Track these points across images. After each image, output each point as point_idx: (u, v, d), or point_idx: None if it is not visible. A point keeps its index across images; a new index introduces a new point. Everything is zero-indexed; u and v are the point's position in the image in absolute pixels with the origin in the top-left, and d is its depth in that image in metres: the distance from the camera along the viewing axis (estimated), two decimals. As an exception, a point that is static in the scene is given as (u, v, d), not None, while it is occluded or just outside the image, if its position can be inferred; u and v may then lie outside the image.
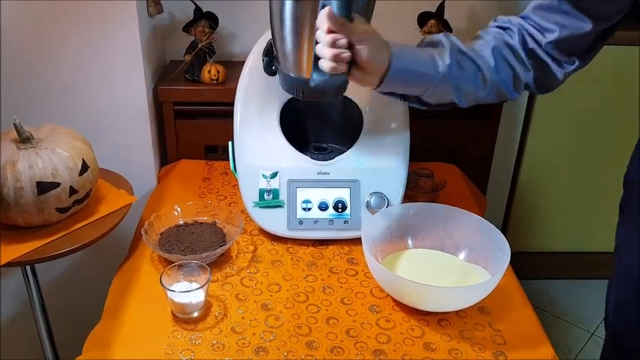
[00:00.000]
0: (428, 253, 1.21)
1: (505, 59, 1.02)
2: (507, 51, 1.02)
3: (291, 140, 1.29)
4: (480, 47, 1.02)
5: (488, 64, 1.01)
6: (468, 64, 1.00)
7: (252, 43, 1.30)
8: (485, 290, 1.06)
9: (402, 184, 1.29)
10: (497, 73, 1.02)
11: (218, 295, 1.12)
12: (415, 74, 0.98)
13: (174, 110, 1.56)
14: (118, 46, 1.39)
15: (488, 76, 1.01)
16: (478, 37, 1.04)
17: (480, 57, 1.01)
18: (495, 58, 1.01)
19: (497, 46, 1.02)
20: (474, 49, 1.02)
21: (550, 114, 1.86)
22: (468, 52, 1.01)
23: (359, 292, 1.14)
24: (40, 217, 1.15)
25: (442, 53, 0.99)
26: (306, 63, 1.07)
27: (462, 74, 1.00)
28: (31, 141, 1.15)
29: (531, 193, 2.00)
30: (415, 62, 0.97)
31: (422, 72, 0.97)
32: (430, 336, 1.04)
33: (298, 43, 1.06)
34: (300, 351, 1.00)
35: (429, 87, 0.98)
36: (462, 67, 1.00)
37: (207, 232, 1.25)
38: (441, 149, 1.66)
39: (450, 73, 0.98)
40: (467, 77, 1.00)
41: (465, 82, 1.00)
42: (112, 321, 1.07)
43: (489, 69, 1.01)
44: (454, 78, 0.99)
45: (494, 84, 1.02)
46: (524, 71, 1.03)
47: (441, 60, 0.98)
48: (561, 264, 2.14)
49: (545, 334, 1.06)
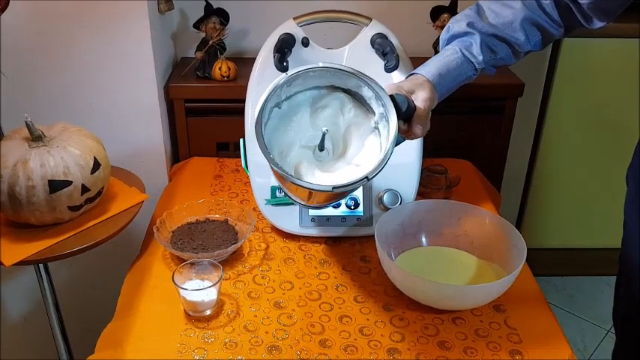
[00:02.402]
0: (442, 251, 1.20)
1: (536, 24, 1.02)
2: (538, 14, 1.01)
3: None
4: (510, 20, 1.01)
5: (519, 40, 1.02)
6: (499, 45, 1.03)
7: (263, 39, 1.29)
8: (501, 288, 1.04)
9: (415, 181, 1.28)
10: (528, 42, 1.03)
11: (230, 293, 1.11)
12: (457, 84, 1.05)
13: (185, 107, 1.56)
14: (129, 43, 1.39)
15: (520, 49, 1.04)
16: (507, 5, 1.02)
17: (510, 35, 1.02)
18: (525, 29, 1.02)
19: (527, 16, 1.01)
20: (503, 25, 1.02)
21: (564, 110, 1.84)
22: (498, 32, 1.02)
23: (372, 290, 1.13)
24: (52, 215, 1.15)
25: (471, 47, 1.01)
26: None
27: (495, 56, 1.04)
28: (42, 139, 1.15)
29: (546, 189, 1.98)
30: (454, 77, 1.03)
31: (462, 80, 1.05)
32: (445, 334, 1.03)
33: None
34: (313, 349, 0.99)
35: (469, 80, 1.06)
36: (493, 51, 1.03)
37: (219, 229, 1.25)
38: (455, 145, 1.64)
39: (485, 61, 1.03)
40: (499, 57, 1.04)
41: (499, 60, 1.05)
42: (125, 319, 1.07)
43: (520, 44, 1.03)
44: (488, 62, 1.04)
45: (524, 52, 1.05)
46: (555, 29, 1.03)
47: (473, 57, 1.02)
48: (577, 260, 2.12)
49: (561, 332, 1.04)
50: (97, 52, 1.39)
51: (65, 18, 1.35)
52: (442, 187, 1.39)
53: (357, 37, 1.30)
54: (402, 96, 0.98)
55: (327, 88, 1.04)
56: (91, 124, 1.30)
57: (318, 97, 1.04)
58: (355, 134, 1.04)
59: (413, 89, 1.00)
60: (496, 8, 1.02)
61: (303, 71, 0.98)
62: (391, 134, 0.96)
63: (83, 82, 1.43)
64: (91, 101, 1.45)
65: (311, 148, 1.03)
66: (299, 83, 1.01)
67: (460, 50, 1.02)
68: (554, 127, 1.87)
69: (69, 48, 1.38)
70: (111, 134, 1.39)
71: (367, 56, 1.28)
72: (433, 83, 1.00)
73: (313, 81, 1.02)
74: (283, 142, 1.02)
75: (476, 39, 1.01)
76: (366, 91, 1.01)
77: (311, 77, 1.01)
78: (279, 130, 1.02)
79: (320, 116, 1.03)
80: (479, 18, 1.02)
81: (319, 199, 1.06)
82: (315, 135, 1.02)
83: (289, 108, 1.03)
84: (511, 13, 1.01)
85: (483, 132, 1.65)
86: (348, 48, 1.31)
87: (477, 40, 1.01)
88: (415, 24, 1.58)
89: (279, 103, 1.02)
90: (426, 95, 0.98)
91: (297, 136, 1.02)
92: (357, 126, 1.03)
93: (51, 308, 1.30)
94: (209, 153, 1.61)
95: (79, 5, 1.34)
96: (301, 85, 1.02)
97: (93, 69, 1.41)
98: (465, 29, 1.02)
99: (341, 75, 1.01)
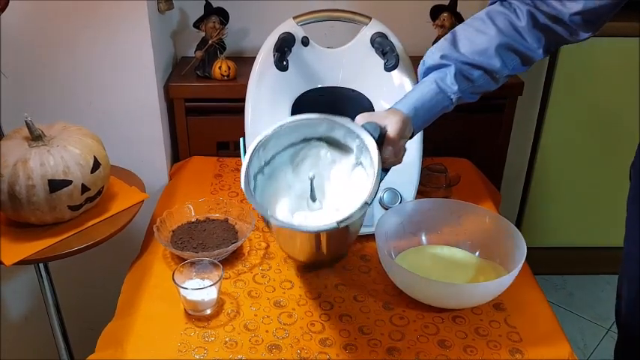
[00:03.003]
0: (442, 250, 1.20)
1: (512, 49, 1.01)
2: (514, 39, 1.00)
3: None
4: (484, 47, 1.00)
5: (495, 66, 1.01)
6: (476, 73, 1.02)
7: (262, 39, 1.29)
8: (501, 287, 1.05)
9: (415, 180, 1.28)
10: (505, 67, 1.02)
11: (230, 293, 1.11)
12: (433, 115, 1.05)
13: (185, 107, 1.56)
14: (129, 43, 1.39)
15: (497, 75, 1.03)
16: (481, 31, 1.01)
17: (486, 62, 1.01)
18: (501, 55, 1.01)
19: (502, 42, 1.00)
20: (477, 53, 1.01)
21: (564, 108, 1.84)
22: (472, 60, 1.01)
23: (372, 289, 1.13)
24: (52, 214, 1.15)
25: (446, 78, 1.01)
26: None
27: (472, 85, 1.03)
28: (42, 139, 1.15)
29: (546, 188, 1.98)
30: (430, 109, 1.03)
31: (438, 111, 1.04)
32: (445, 333, 1.03)
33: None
34: (313, 348, 0.99)
35: (447, 109, 1.06)
36: (470, 80, 1.02)
37: (219, 229, 1.25)
38: (455, 144, 1.64)
39: (461, 90, 1.02)
40: (477, 84, 1.03)
41: (477, 87, 1.04)
42: (125, 319, 1.07)
43: (497, 70, 1.02)
44: (465, 92, 1.03)
45: (503, 77, 1.04)
46: (532, 52, 1.02)
47: (448, 87, 1.02)
48: (577, 259, 2.12)
49: (561, 331, 1.04)
50: (97, 52, 1.39)
51: (65, 17, 1.35)
52: (442, 186, 1.39)
53: (357, 37, 1.30)
54: (373, 123, 0.99)
55: (301, 142, 1.05)
56: (91, 123, 1.30)
57: (295, 154, 1.05)
58: (340, 174, 1.04)
59: (385, 117, 1.00)
60: (471, 35, 1.02)
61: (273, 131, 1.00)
62: (374, 158, 0.97)
63: (83, 81, 1.43)
64: (91, 101, 1.45)
65: (303, 199, 1.03)
66: (273, 145, 1.02)
67: (435, 82, 1.02)
68: (554, 125, 1.87)
69: (69, 47, 1.38)
70: (111, 133, 1.39)
71: (367, 55, 1.28)
72: (409, 116, 1.01)
73: (286, 139, 1.04)
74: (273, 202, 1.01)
75: (450, 70, 1.01)
76: (338, 132, 1.03)
77: (283, 136, 1.02)
78: (266, 193, 1.01)
79: (302, 169, 1.04)
80: (453, 48, 1.02)
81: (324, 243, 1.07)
82: (303, 186, 1.03)
83: (272, 171, 1.04)
84: (486, 39, 1.00)
85: (483, 131, 1.65)
86: (348, 47, 1.31)
87: (452, 71, 1.01)
88: (415, 23, 1.58)
89: (262, 168, 1.02)
90: (397, 123, 0.99)
91: (285, 193, 1.03)
92: (340, 166, 1.05)
93: (51, 308, 1.30)
94: (209, 152, 1.61)
95: (79, 5, 1.34)
96: (276, 147, 1.03)
97: (93, 68, 1.41)
98: (438, 61, 1.02)
99: (310, 124, 1.03)
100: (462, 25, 1.04)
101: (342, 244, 1.13)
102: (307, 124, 1.02)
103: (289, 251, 1.15)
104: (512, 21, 1.00)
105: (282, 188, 1.02)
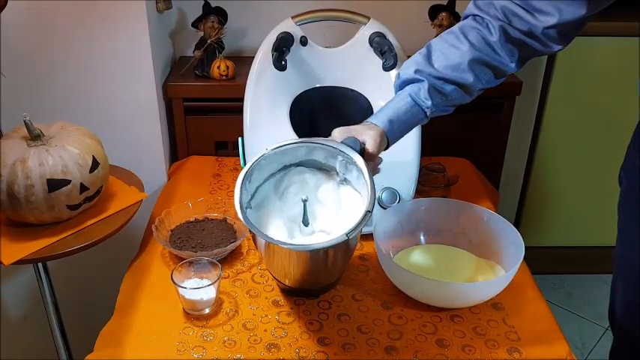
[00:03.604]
0: (440, 249, 1.20)
1: (484, 63, 1.01)
2: (486, 53, 1.01)
3: (301, 136, 1.28)
4: (457, 62, 1.01)
5: (468, 81, 1.02)
6: (448, 87, 1.02)
7: (261, 38, 1.29)
8: (499, 286, 1.05)
9: (413, 180, 1.28)
10: (479, 81, 1.03)
11: (229, 292, 1.11)
12: (409, 127, 1.06)
13: (183, 106, 1.56)
14: (127, 42, 1.39)
15: (471, 89, 1.03)
16: (455, 46, 1.02)
17: (459, 76, 1.01)
18: (474, 70, 1.01)
19: (475, 57, 1.00)
20: (451, 68, 1.01)
21: (562, 108, 1.85)
22: (445, 75, 1.01)
23: (371, 288, 1.13)
24: (50, 214, 1.15)
25: (420, 93, 1.02)
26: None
27: (446, 99, 1.04)
28: (41, 138, 1.15)
29: (544, 187, 1.98)
30: (405, 121, 1.04)
31: (412, 124, 1.05)
32: (443, 332, 1.03)
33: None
34: (311, 348, 0.99)
35: (422, 122, 1.06)
36: (443, 94, 1.03)
37: (218, 228, 1.25)
38: (453, 144, 1.64)
39: (434, 104, 1.03)
40: (451, 98, 1.04)
41: (451, 101, 1.05)
42: (124, 318, 1.07)
43: (470, 84, 1.02)
44: (438, 105, 1.04)
45: (477, 90, 1.05)
46: (505, 66, 1.02)
47: (422, 102, 1.03)
48: (575, 258, 2.12)
49: (560, 330, 1.04)
50: (96, 51, 1.39)
51: (63, 17, 1.35)
52: (440, 186, 1.39)
53: (356, 36, 1.30)
54: (352, 138, 1.00)
55: (281, 170, 1.06)
56: (90, 123, 1.30)
57: (277, 183, 1.06)
58: (328, 194, 1.05)
59: (362, 132, 1.02)
60: (445, 50, 1.03)
61: (254, 163, 1.00)
62: (362, 167, 0.97)
63: (82, 81, 1.43)
64: (90, 100, 1.45)
65: (295, 224, 1.03)
66: (256, 177, 1.03)
67: (410, 95, 1.03)
68: (553, 125, 1.87)
69: (67, 47, 1.38)
70: (109, 133, 1.39)
71: (365, 55, 1.28)
72: (384, 130, 1.02)
73: (267, 170, 1.05)
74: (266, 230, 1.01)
75: (424, 85, 1.02)
76: (318, 154, 1.03)
77: (264, 167, 1.03)
78: (258, 224, 1.00)
79: (289, 196, 1.05)
80: (426, 63, 1.03)
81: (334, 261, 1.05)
82: (294, 211, 1.03)
83: (258, 203, 1.04)
84: (458, 55, 1.01)
85: (482, 130, 1.66)
86: (346, 47, 1.31)
87: (425, 86, 1.02)
88: (413, 23, 1.58)
89: (249, 203, 1.02)
90: (374, 138, 1.00)
91: (277, 221, 1.02)
92: (326, 187, 1.05)
93: (50, 307, 1.30)
94: (208, 152, 1.61)
95: (78, 4, 1.34)
96: (259, 178, 1.04)
97: (91, 68, 1.41)
98: (413, 76, 1.03)
99: (288, 151, 1.03)
100: (437, 39, 1.05)
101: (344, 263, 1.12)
102: (286, 150, 1.03)
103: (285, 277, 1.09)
104: (485, 36, 1.00)
105: (273, 217, 1.02)
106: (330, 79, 1.32)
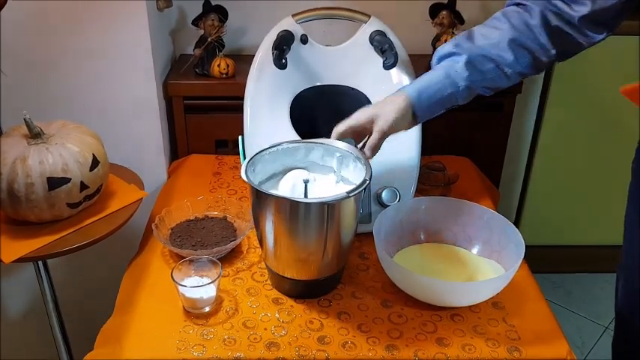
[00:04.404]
0: (440, 248, 1.20)
1: (524, 47, 1.02)
2: (526, 36, 1.01)
3: (301, 134, 1.28)
4: (497, 40, 1.02)
5: (507, 60, 1.02)
6: (487, 65, 1.03)
7: (261, 37, 1.29)
8: (499, 285, 1.05)
9: (413, 178, 1.28)
10: (517, 63, 1.03)
11: (229, 290, 1.11)
12: (440, 101, 1.05)
13: (184, 105, 1.56)
14: (128, 40, 1.39)
15: (509, 71, 1.03)
16: (495, 27, 1.03)
17: (497, 54, 1.02)
18: (513, 50, 1.01)
19: (515, 37, 1.01)
20: (491, 46, 1.02)
21: (563, 106, 1.84)
22: (484, 52, 1.02)
23: (370, 287, 1.13)
24: (50, 212, 1.15)
25: (457, 66, 1.03)
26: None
27: (483, 76, 1.03)
28: (41, 136, 1.15)
29: (545, 186, 1.98)
30: (435, 92, 1.04)
31: (444, 96, 1.04)
32: (443, 331, 1.03)
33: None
34: (311, 346, 0.99)
35: (456, 100, 1.06)
36: (481, 71, 1.03)
37: (218, 226, 1.25)
38: (454, 142, 1.64)
39: (470, 80, 1.03)
40: (488, 78, 1.04)
41: (487, 81, 1.04)
42: (124, 316, 1.07)
43: (508, 64, 1.02)
44: (475, 82, 1.03)
45: (515, 74, 1.04)
46: (545, 52, 1.02)
47: (458, 74, 1.03)
48: (575, 257, 2.12)
49: (560, 329, 1.04)
50: (96, 50, 1.39)
51: (64, 16, 1.35)
52: (441, 184, 1.39)
53: (356, 34, 1.30)
54: (350, 139, 1.05)
55: (281, 172, 1.11)
56: (90, 121, 1.30)
57: (279, 181, 1.10)
58: (327, 187, 1.08)
59: (380, 108, 1.05)
60: (485, 31, 1.04)
61: (258, 154, 1.06)
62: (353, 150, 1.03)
63: (82, 79, 1.42)
64: (90, 98, 1.45)
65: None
66: (259, 170, 1.07)
67: (444, 68, 1.04)
68: (553, 124, 1.87)
69: (68, 45, 1.38)
70: (110, 131, 1.39)
71: (366, 53, 1.28)
72: (411, 97, 1.03)
73: (270, 167, 1.09)
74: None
75: (462, 58, 1.03)
76: (315, 153, 1.10)
77: (268, 163, 1.08)
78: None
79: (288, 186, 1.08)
80: (467, 40, 1.04)
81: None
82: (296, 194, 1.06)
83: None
84: (498, 34, 1.02)
85: (482, 129, 1.65)
86: (347, 45, 1.31)
87: (463, 59, 1.02)
88: (414, 21, 1.58)
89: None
90: (391, 113, 1.02)
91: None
92: (324, 184, 1.09)
93: (50, 305, 1.30)
94: (208, 150, 1.61)
95: (78, 3, 1.33)
96: (262, 172, 1.08)
97: (92, 66, 1.41)
98: (451, 50, 1.04)
99: (289, 151, 1.09)
100: (479, 25, 1.07)
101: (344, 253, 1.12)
102: (286, 151, 1.09)
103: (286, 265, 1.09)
104: (525, 19, 1.02)
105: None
106: (330, 77, 1.32)
